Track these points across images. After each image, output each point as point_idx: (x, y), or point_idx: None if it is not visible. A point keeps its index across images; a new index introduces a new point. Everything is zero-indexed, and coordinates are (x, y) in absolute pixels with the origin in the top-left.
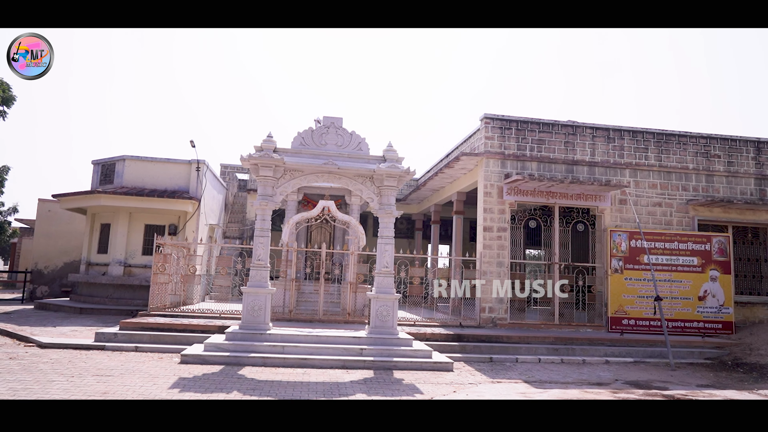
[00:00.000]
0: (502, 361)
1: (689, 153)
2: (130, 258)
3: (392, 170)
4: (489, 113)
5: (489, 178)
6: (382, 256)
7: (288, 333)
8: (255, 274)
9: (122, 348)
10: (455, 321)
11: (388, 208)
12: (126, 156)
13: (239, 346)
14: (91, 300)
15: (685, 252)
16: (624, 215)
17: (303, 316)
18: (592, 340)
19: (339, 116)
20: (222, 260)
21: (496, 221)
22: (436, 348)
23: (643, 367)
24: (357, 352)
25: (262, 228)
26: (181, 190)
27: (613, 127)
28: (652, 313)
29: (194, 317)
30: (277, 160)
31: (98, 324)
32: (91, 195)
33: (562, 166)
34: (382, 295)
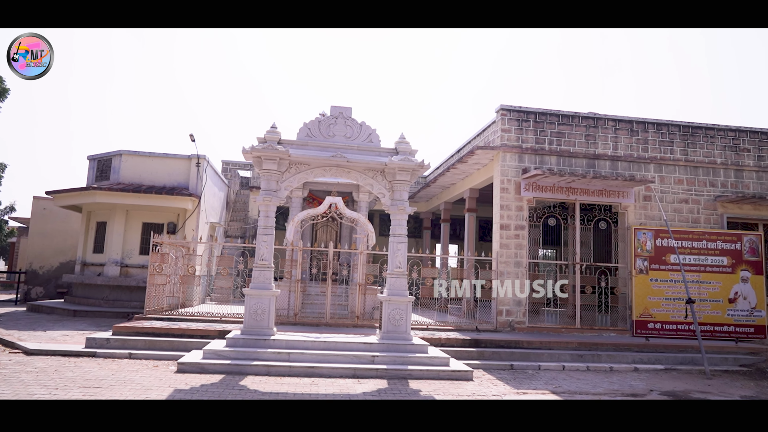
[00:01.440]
0: (524, 369)
1: (717, 147)
2: (127, 258)
3: (405, 163)
4: (505, 104)
5: (506, 173)
6: (394, 255)
7: (294, 339)
8: (258, 275)
9: (115, 355)
10: (470, 325)
11: (401, 204)
12: (123, 151)
13: (241, 353)
14: (86, 302)
15: (714, 251)
16: (648, 212)
17: (309, 319)
18: (617, 346)
19: (347, 106)
20: (223, 260)
21: (514, 219)
22: (452, 354)
23: (675, 375)
24: (369, 360)
25: (266, 225)
26: (181, 187)
27: (636, 120)
28: (680, 317)
29: (193, 321)
30: (281, 153)
31: (91, 328)
32: (86, 192)
33: (583, 161)
34: (395, 297)
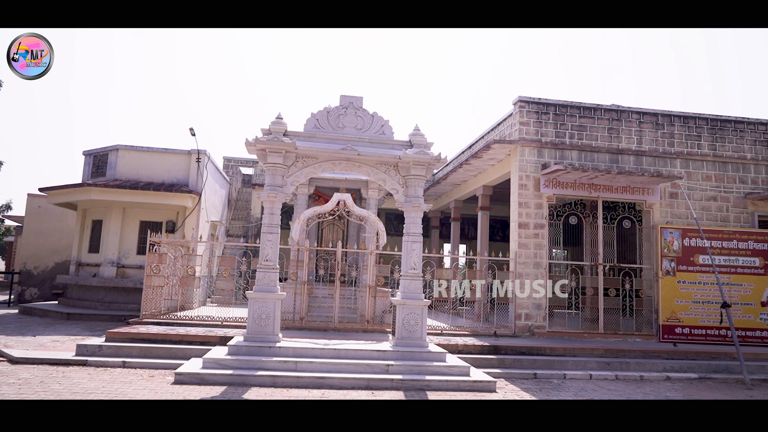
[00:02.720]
0: (549, 378)
1: (747, 141)
2: (124, 258)
3: (421, 157)
4: (524, 96)
5: (524, 169)
6: (408, 256)
7: (301, 346)
8: (262, 277)
9: (107, 363)
10: (486, 329)
11: (416, 201)
12: (119, 146)
13: (244, 362)
14: (80, 304)
15: (746, 252)
16: (675, 210)
17: (316, 324)
18: (646, 352)
19: (358, 95)
20: (225, 260)
21: (533, 217)
22: (470, 362)
23: (711, 384)
24: (383, 369)
25: (271, 223)
26: (180, 183)
27: (662, 112)
28: (710, 321)
29: (192, 325)
30: (287, 145)
31: (85, 332)
32: (81, 188)
33: (606, 156)
34: (410, 301)
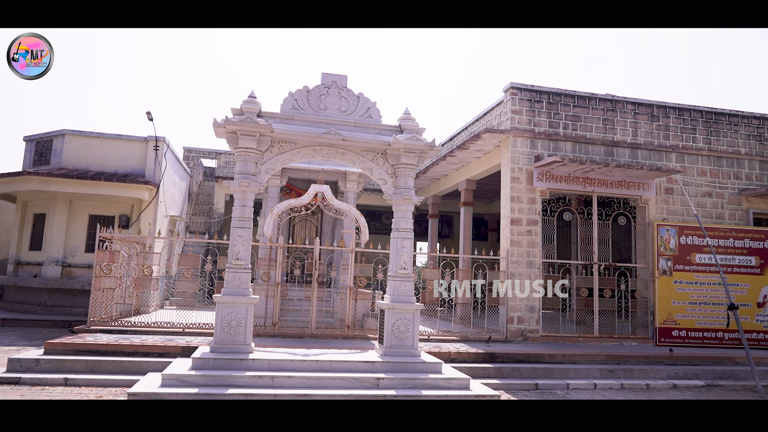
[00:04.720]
0: (551, 389)
1: (741, 135)
2: (71, 256)
3: (413, 143)
4: (516, 82)
5: (516, 161)
6: (398, 254)
7: (278, 358)
8: (233, 278)
9: (46, 381)
10: (477, 334)
11: (406, 193)
12: (66, 131)
13: (212, 378)
14: (19, 308)
15: (742, 250)
16: (671, 207)
17: (291, 330)
18: (648, 358)
19: (342, 74)
20: (186, 259)
21: (526, 212)
22: (465, 371)
23: (720, 393)
24: (372, 384)
25: (242, 216)
26: (136, 173)
27: (657, 103)
28: (707, 323)
29: (149, 333)
30: (262, 127)
31: (22, 341)
32: (20, 177)
33: (600, 148)
34: (400, 305)
